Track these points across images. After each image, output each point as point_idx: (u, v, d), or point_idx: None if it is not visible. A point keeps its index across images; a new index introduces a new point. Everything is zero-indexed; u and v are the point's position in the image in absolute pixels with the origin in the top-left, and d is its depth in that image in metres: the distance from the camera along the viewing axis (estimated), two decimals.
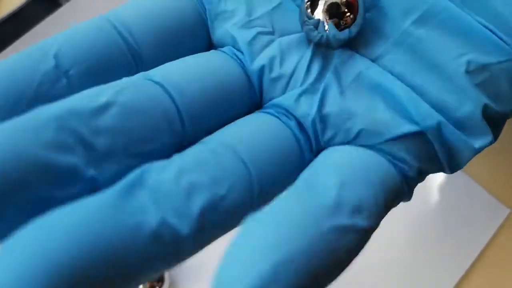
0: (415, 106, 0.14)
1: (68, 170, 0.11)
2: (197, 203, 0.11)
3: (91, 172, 0.11)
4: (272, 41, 0.15)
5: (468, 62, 0.14)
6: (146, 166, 0.12)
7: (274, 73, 0.15)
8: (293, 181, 0.13)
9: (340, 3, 0.13)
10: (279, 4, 0.15)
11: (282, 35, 0.15)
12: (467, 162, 0.15)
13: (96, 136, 0.12)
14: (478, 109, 0.14)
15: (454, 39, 0.14)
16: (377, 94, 0.14)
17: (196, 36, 0.16)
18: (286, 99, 0.14)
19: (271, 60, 0.15)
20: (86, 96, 0.12)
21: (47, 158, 0.11)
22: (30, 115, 0.11)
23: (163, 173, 0.11)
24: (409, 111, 0.14)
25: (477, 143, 0.14)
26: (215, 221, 0.12)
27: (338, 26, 0.13)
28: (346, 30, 0.14)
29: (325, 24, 0.13)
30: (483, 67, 0.14)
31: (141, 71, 0.14)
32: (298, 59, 0.15)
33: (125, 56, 0.14)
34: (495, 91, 0.14)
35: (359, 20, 0.14)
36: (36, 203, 0.11)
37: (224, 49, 0.15)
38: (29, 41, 0.33)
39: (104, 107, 0.12)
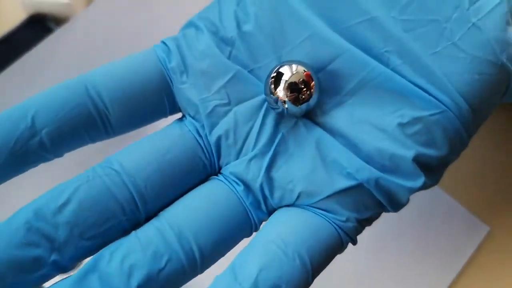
0: (350, 161, 0.16)
1: (35, 260, 0.15)
2: (135, 281, 0.15)
3: (54, 257, 0.15)
4: (228, 111, 0.17)
5: (402, 116, 0.16)
6: (101, 252, 0.15)
7: (230, 141, 0.17)
8: (238, 241, 0.16)
9: (297, 82, 0.15)
10: (233, 76, 0.17)
11: (237, 104, 0.17)
12: (407, 200, 0.17)
13: (56, 230, 0.15)
14: (410, 155, 0.16)
15: (389, 97, 0.16)
16: (317, 157, 0.16)
17: (162, 99, 0.18)
18: (237, 166, 0.17)
19: (227, 130, 0.17)
20: (49, 196, 0.16)
21: (19, 255, 0.15)
22: (4, 223, 0.15)
23: (112, 258, 0.15)
24: (344, 167, 0.16)
25: (410, 185, 0.16)
26: None
27: (297, 100, 0.16)
28: (303, 105, 0.16)
29: (285, 99, 0.16)
30: (416, 119, 0.16)
31: (108, 131, 0.17)
32: (251, 127, 0.17)
33: (93, 117, 0.16)
34: (429, 139, 0.16)
35: (314, 96, 0.16)
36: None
37: (185, 122, 0.17)
38: (20, 67, 0.33)
39: (63, 205, 0.15)
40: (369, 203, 0.16)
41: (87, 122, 0.16)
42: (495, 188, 0.31)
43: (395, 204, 0.17)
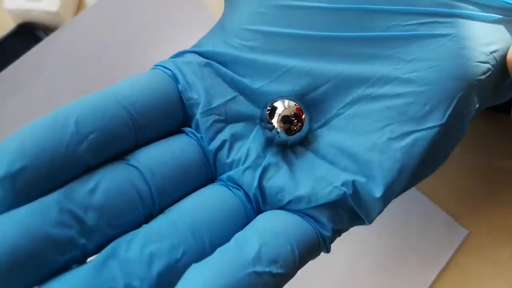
0: (334, 178, 0.18)
1: (68, 241, 0.15)
2: (156, 268, 0.15)
3: (82, 241, 0.15)
4: (224, 127, 0.19)
5: (392, 131, 0.17)
6: (118, 240, 0.16)
7: (225, 153, 0.18)
8: None
9: (290, 115, 0.18)
10: (233, 98, 0.19)
11: (232, 123, 0.19)
12: (379, 212, 0.18)
13: (86, 213, 0.15)
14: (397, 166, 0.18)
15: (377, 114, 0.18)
16: (304, 173, 0.18)
17: (178, 112, 0.19)
18: (234, 174, 0.18)
19: (223, 143, 0.18)
20: (79, 181, 0.16)
21: (52, 233, 0.15)
22: (35, 202, 0.15)
23: (131, 246, 0.15)
24: (330, 182, 0.18)
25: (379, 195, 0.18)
26: (171, 278, 0.15)
27: (290, 130, 0.18)
28: (294, 136, 0.18)
29: (279, 130, 0.18)
30: (404, 134, 0.17)
31: (138, 142, 0.18)
32: (242, 145, 0.19)
33: (129, 126, 0.17)
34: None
35: (305, 127, 0.18)
36: (43, 268, 0.15)
37: (188, 132, 0.19)
38: (9, 75, 0.34)
39: (92, 190, 0.16)
40: (344, 217, 0.18)
41: (124, 131, 0.17)
42: (474, 192, 0.32)
43: (370, 216, 0.18)
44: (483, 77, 0.18)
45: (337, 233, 0.18)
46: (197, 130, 0.19)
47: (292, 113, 0.18)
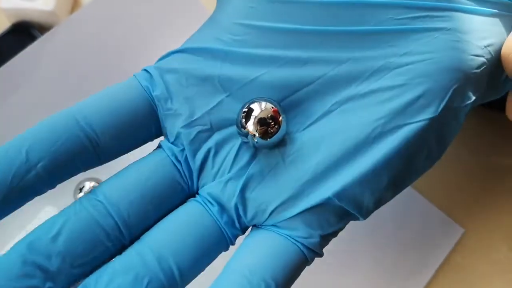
0: (320, 180, 0.17)
1: None
2: None
3: (48, 285, 0.16)
4: (210, 136, 0.18)
5: (384, 125, 0.17)
6: (87, 280, 0.17)
7: (208, 164, 0.18)
8: (215, 256, 0.18)
9: (266, 118, 0.17)
10: (218, 103, 0.18)
11: (218, 130, 0.18)
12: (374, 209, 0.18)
13: (49, 261, 0.16)
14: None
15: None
16: (289, 178, 0.18)
17: (149, 126, 0.19)
18: (213, 187, 0.18)
19: (207, 154, 0.18)
20: (42, 230, 0.17)
21: (17, 287, 0.16)
22: (1, 258, 0.16)
23: (98, 284, 0.16)
24: (315, 188, 0.17)
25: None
26: None
27: (266, 133, 0.17)
28: (270, 139, 0.17)
29: (255, 134, 0.17)
30: (397, 127, 0.17)
31: (101, 159, 0.18)
32: (228, 151, 0.18)
33: (86, 147, 0.18)
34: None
35: (282, 128, 0.17)
36: None
37: (164, 147, 0.19)
38: (4, 74, 0.34)
39: (55, 237, 0.17)
40: (332, 220, 0.18)
41: (81, 152, 0.18)
42: (470, 191, 0.32)
43: (363, 209, 0.18)
44: (477, 70, 0.18)
45: (328, 236, 0.18)
46: (176, 141, 0.19)
47: (269, 115, 0.17)
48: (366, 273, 0.30)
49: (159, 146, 0.19)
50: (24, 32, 0.36)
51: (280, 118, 0.17)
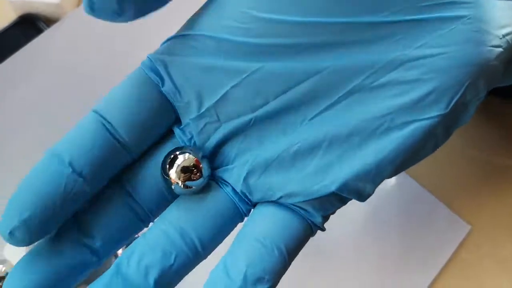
0: (326, 174, 0.18)
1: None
2: (152, 278, 0.17)
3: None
4: (217, 127, 0.19)
5: (392, 120, 0.17)
6: (119, 258, 0.18)
7: (217, 154, 0.19)
8: (232, 227, 0.19)
9: (189, 166, 0.18)
10: (223, 95, 0.18)
11: (225, 121, 0.19)
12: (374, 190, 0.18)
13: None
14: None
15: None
16: (296, 169, 0.18)
17: (169, 115, 0.19)
18: (223, 172, 0.19)
19: (215, 145, 0.19)
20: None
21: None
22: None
23: (130, 263, 0.18)
24: (321, 179, 0.18)
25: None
26: (169, 281, 0.18)
27: (190, 179, 0.18)
28: (190, 189, 0.18)
29: (178, 181, 0.18)
30: (406, 123, 0.17)
31: (133, 156, 0.19)
32: (235, 141, 0.19)
33: (118, 149, 0.18)
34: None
35: (205, 175, 0.18)
36: None
37: (176, 136, 0.19)
38: (10, 66, 0.34)
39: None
40: (334, 202, 0.18)
41: (115, 154, 0.18)
42: (478, 188, 0.32)
43: (364, 197, 0.18)
44: (495, 62, 0.17)
45: (330, 213, 0.19)
46: (185, 130, 0.19)
47: (192, 164, 0.18)
48: (372, 270, 0.29)
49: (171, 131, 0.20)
50: (31, 25, 0.36)
51: (201, 166, 0.18)
